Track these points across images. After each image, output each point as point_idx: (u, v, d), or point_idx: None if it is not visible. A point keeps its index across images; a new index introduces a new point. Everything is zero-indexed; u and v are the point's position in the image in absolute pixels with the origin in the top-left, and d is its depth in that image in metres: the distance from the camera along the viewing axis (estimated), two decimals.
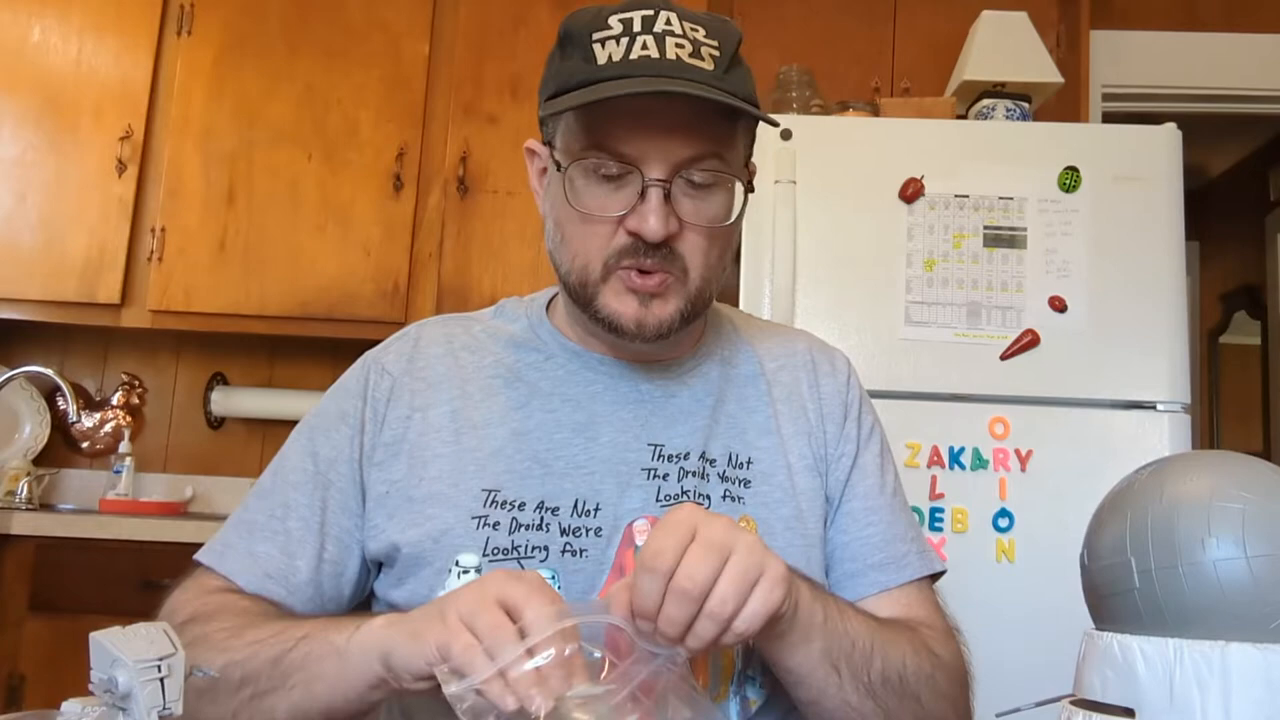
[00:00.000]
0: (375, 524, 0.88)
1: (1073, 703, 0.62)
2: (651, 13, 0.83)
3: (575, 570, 0.84)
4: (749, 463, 0.91)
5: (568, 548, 0.84)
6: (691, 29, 0.83)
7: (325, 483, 0.91)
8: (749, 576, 0.67)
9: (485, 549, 0.83)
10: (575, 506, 0.86)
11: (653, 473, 0.88)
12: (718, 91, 0.80)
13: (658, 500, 0.87)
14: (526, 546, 0.84)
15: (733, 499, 0.89)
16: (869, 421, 1.00)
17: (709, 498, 0.88)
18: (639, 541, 0.85)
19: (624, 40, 0.82)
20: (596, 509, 0.86)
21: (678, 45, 0.82)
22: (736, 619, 0.66)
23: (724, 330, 1.01)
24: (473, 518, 0.85)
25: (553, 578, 0.83)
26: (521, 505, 0.85)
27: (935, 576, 0.98)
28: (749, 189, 0.89)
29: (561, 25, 0.87)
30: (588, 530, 0.85)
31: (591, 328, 0.91)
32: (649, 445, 0.89)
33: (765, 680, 0.86)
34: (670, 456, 0.89)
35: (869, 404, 1.02)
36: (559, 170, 0.86)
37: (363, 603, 0.94)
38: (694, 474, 0.88)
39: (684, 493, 0.87)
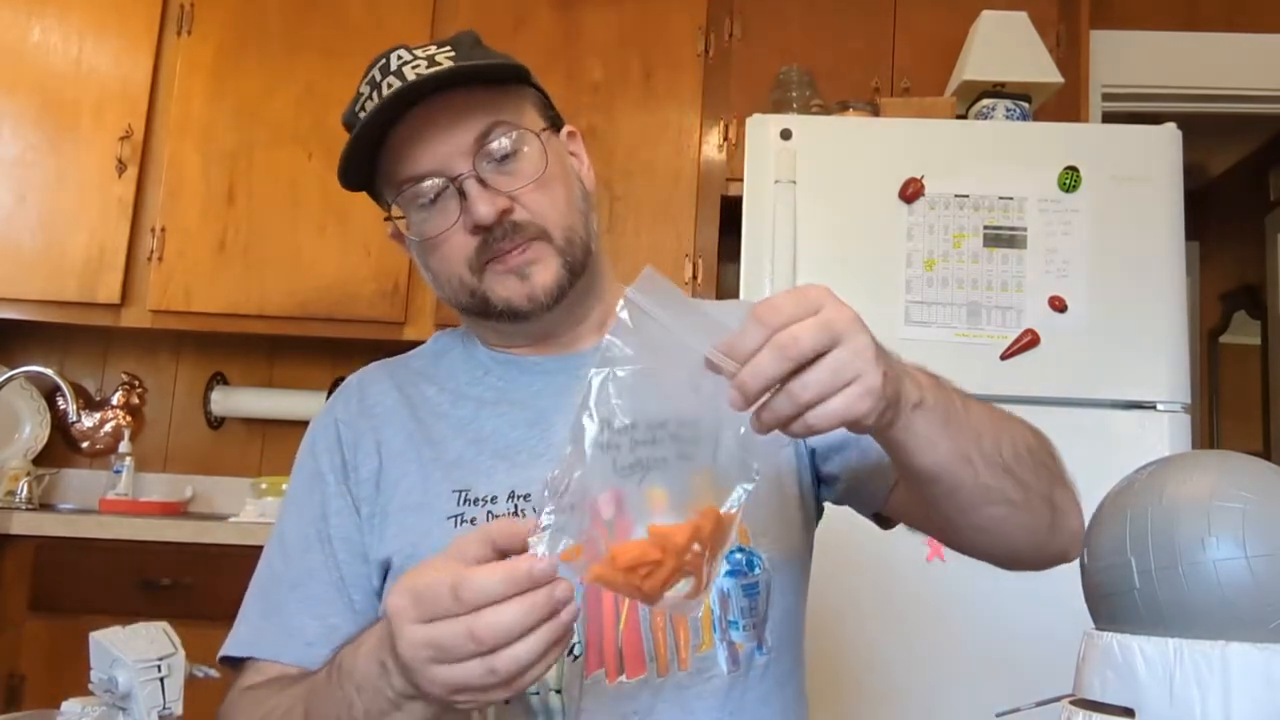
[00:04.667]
0: (372, 550, 0.91)
1: (1073, 703, 0.62)
2: (384, 60, 0.92)
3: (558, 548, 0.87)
4: (697, 422, 0.92)
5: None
6: (423, 50, 0.92)
7: (327, 538, 0.92)
8: (842, 375, 0.64)
9: None
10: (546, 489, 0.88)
11: (606, 445, 0.89)
12: (450, 67, 0.88)
13: (615, 471, 0.87)
14: None
15: (685, 457, 0.89)
16: None
17: (665, 460, 0.87)
18: (605, 516, 0.86)
19: (372, 91, 0.92)
20: (566, 488, 0.87)
21: (413, 67, 0.90)
22: (812, 411, 0.64)
23: None
24: (448, 518, 0.87)
25: None
26: (493, 498, 0.88)
27: None
28: (555, 130, 0.96)
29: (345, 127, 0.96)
30: (562, 509, 0.87)
31: (506, 331, 0.96)
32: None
33: (763, 634, 0.88)
34: (620, 429, 0.90)
35: None
36: (397, 222, 0.94)
37: None
38: (645, 442, 0.89)
39: (638, 461, 0.87)
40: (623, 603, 0.86)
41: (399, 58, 0.92)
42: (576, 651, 0.84)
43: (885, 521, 1.00)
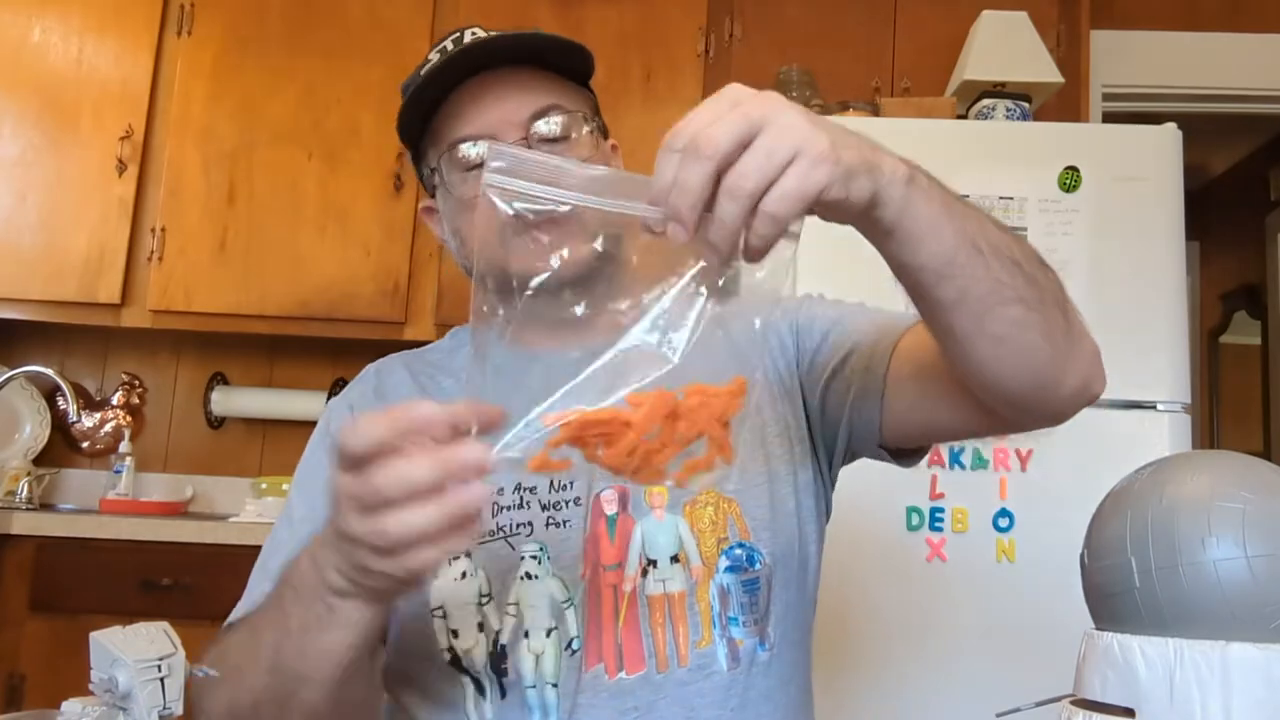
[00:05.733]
0: None
1: (1073, 703, 0.62)
2: (458, 33, 0.95)
3: (561, 541, 0.87)
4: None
5: (550, 521, 0.87)
6: (497, 32, 0.93)
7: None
8: (778, 152, 0.57)
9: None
10: (551, 483, 0.88)
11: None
12: (513, 41, 0.89)
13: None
14: (511, 525, 0.87)
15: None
16: (794, 303, 1.02)
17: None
18: (608, 512, 0.87)
19: (439, 56, 0.93)
20: (571, 481, 0.88)
21: (482, 36, 0.93)
22: (767, 199, 0.58)
23: None
24: None
25: (541, 549, 0.86)
26: (500, 490, 0.88)
27: None
28: (603, 136, 0.97)
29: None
30: (566, 502, 0.88)
31: (526, 309, 0.92)
32: None
33: (766, 629, 0.88)
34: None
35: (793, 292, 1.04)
36: (440, 184, 0.93)
37: None
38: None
39: None
40: (623, 600, 0.85)
41: (473, 33, 0.94)
42: (575, 646, 0.85)
43: (894, 455, 0.94)
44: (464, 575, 0.86)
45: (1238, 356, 4.31)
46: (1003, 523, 1.98)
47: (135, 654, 0.62)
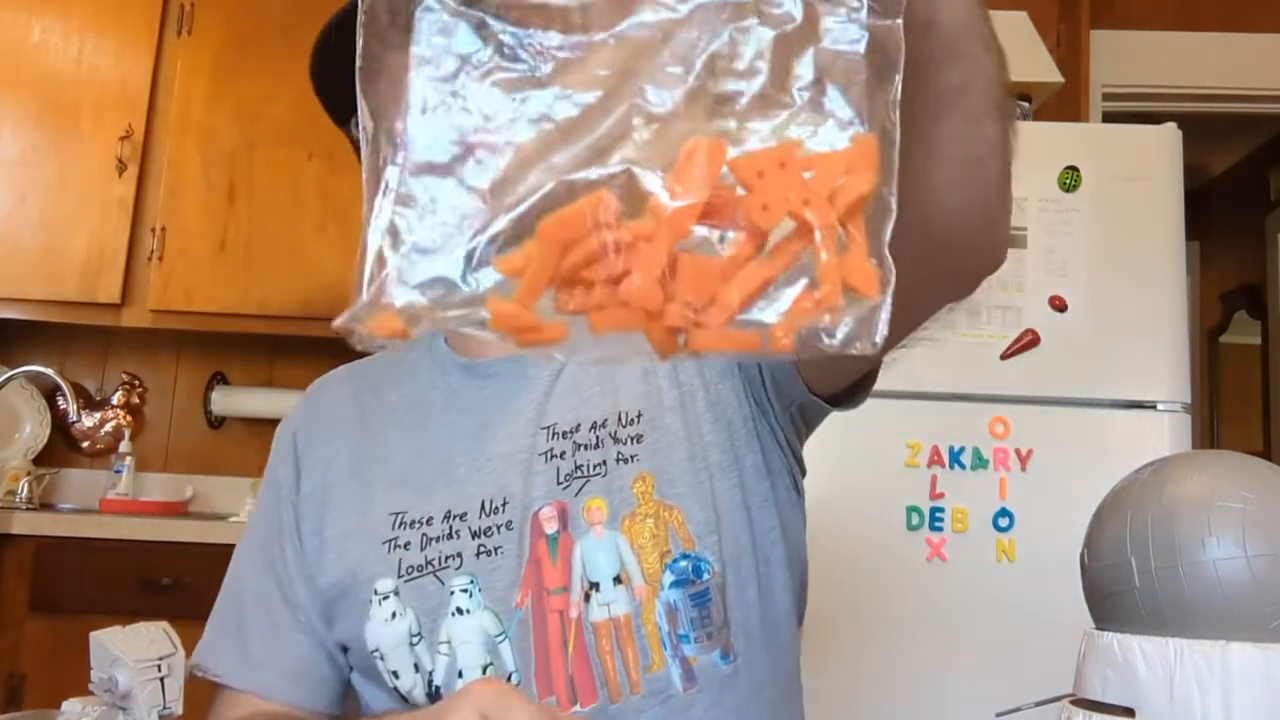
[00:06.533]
0: (316, 574, 0.89)
1: (1073, 702, 0.62)
2: None
3: (493, 570, 0.83)
4: (639, 416, 0.87)
5: (481, 549, 0.83)
6: None
7: (278, 558, 0.91)
8: None
9: (399, 571, 0.84)
10: (483, 507, 0.85)
11: (550, 454, 0.86)
12: None
13: (559, 482, 0.84)
14: (440, 558, 0.84)
15: (624, 460, 0.85)
16: None
17: (604, 464, 0.85)
18: (549, 530, 0.84)
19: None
20: (504, 503, 0.85)
21: None
22: None
23: None
24: (383, 543, 0.85)
25: (471, 581, 0.83)
26: (429, 520, 0.85)
27: None
28: None
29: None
30: (498, 527, 0.84)
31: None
32: (542, 429, 0.87)
33: (728, 640, 0.83)
34: (564, 434, 0.87)
35: None
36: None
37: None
38: (587, 445, 0.86)
39: (578, 468, 0.85)
40: (569, 628, 0.81)
41: None
42: (515, 680, 0.81)
43: (831, 401, 0.88)
44: (394, 615, 0.83)
45: (1238, 356, 4.31)
46: (1003, 523, 1.98)
47: (135, 654, 0.62)
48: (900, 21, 0.36)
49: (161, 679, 0.61)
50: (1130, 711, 0.58)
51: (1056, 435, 2.00)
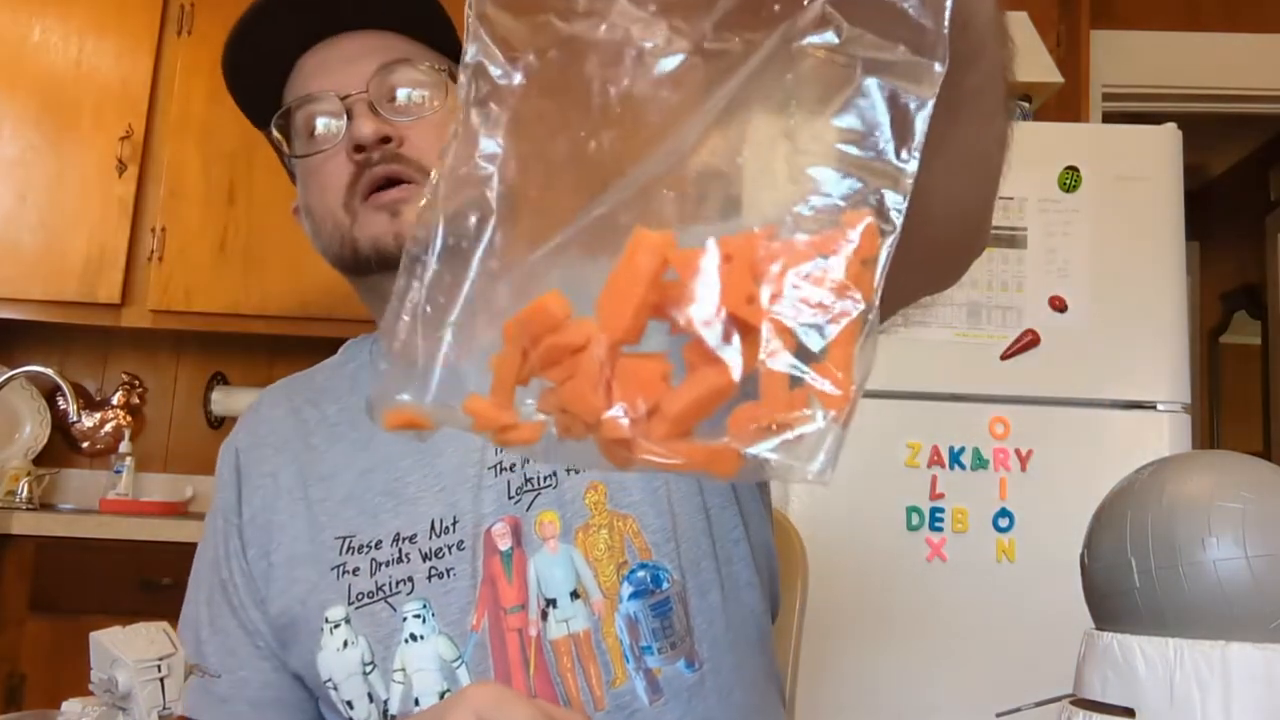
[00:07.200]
0: (265, 600, 0.86)
1: (1073, 703, 0.62)
2: None
3: (446, 592, 0.80)
4: None
5: (433, 572, 0.81)
6: None
7: (227, 582, 0.88)
8: None
9: (349, 598, 0.81)
10: (433, 527, 0.82)
11: (499, 467, 0.83)
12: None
13: (510, 496, 0.82)
14: (390, 584, 0.81)
15: (575, 469, 0.82)
16: None
17: (555, 475, 0.82)
18: (502, 547, 0.81)
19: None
20: (455, 523, 0.82)
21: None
22: None
23: None
24: (331, 569, 0.83)
25: (424, 605, 0.80)
26: (378, 544, 0.82)
27: None
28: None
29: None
30: (449, 548, 0.81)
31: (377, 288, 0.89)
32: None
33: (693, 648, 0.81)
34: None
35: None
36: (286, 154, 0.89)
37: None
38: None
39: (528, 480, 0.82)
40: (529, 647, 0.79)
41: None
42: None
43: None
44: (345, 644, 0.80)
45: (1238, 356, 4.31)
46: (1003, 523, 1.98)
47: (135, 654, 0.61)
48: (941, 68, 0.32)
49: (161, 679, 0.61)
50: (1130, 712, 0.58)
51: (1056, 435, 2.00)
